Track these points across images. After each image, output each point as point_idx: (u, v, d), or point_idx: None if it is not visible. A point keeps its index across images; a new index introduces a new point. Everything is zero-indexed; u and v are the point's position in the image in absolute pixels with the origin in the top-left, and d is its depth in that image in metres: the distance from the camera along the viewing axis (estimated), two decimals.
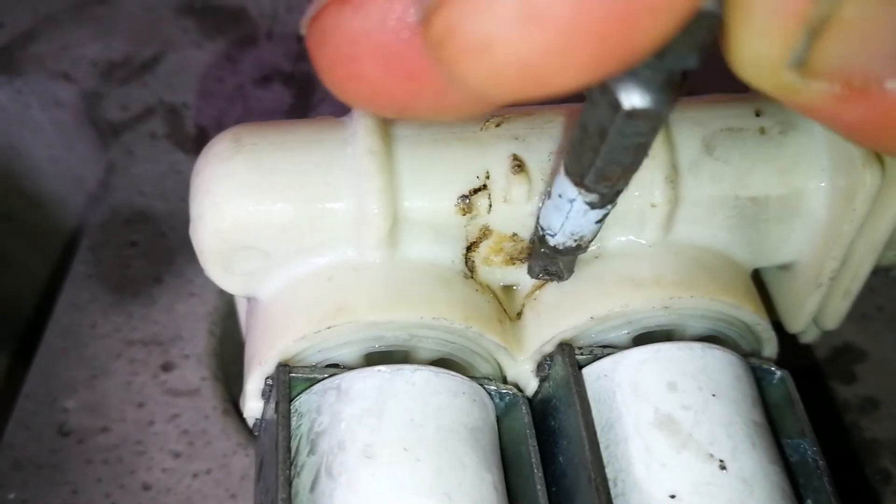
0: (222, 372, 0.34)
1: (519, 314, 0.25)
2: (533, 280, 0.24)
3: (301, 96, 0.43)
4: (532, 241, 0.23)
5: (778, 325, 0.27)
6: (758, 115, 0.24)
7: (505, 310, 0.25)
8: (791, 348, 0.27)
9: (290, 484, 0.21)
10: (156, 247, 0.38)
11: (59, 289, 0.37)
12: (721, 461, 0.22)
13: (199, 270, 0.24)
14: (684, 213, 0.24)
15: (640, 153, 0.17)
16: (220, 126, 0.41)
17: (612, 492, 0.21)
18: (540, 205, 0.22)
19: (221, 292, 0.34)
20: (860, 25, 0.12)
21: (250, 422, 0.25)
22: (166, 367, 0.34)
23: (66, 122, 0.44)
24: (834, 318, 0.27)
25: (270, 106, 0.43)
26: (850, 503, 0.24)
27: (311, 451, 0.22)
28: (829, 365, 0.34)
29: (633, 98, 0.15)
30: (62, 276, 0.37)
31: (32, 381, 0.34)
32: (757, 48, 0.13)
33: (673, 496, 0.21)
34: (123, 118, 0.42)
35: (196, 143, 0.41)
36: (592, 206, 0.20)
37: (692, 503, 0.21)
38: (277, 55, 0.45)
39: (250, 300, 0.25)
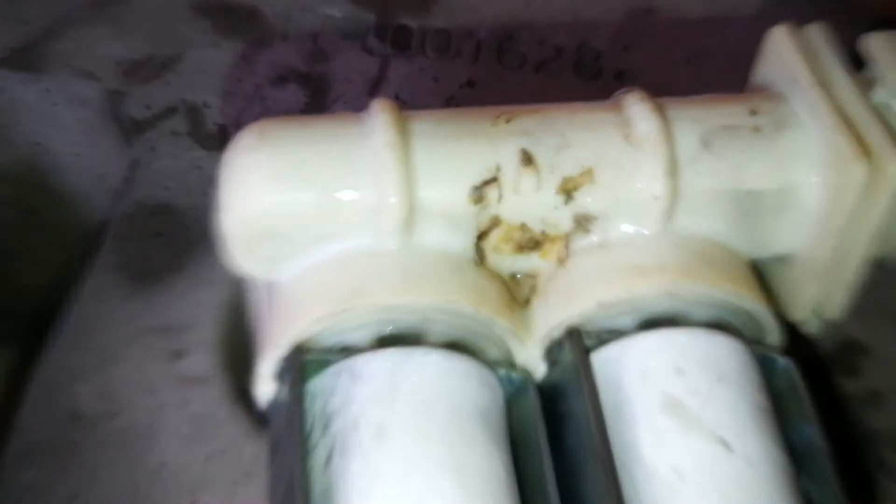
0: (234, 360, 0.35)
1: (527, 300, 0.26)
2: (541, 267, 0.25)
3: (316, 96, 0.44)
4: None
5: (785, 320, 0.28)
6: (752, 113, 0.25)
7: (514, 296, 0.26)
8: (795, 342, 0.28)
9: (304, 463, 0.22)
10: (175, 239, 0.38)
11: (79, 282, 0.37)
12: (726, 443, 0.22)
13: (216, 260, 0.25)
14: (684, 205, 0.25)
15: None
16: (239, 124, 0.42)
17: (620, 473, 0.22)
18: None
19: (236, 282, 0.34)
20: None
21: (263, 404, 0.25)
22: (178, 354, 0.34)
23: (90, 120, 0.44)
24: (834, 307, 0.27)
25: (286, 106, 0.44)
26: (852, 493, 0.25)
27: (325, 431, 0.22)
28: (833, 359, 0.35)
29: None
30: (83, 269, 0.38)
31: (47, 366, 0.34)
32: None
33: (679, 476, 0.22)
34: (146, 116, 0.43)
35: (216, 140, 0.42)
36: None
37: (698, 483, 0.22)
38: (292, 55, 0.46)
39: (267, 284, 0.26)
